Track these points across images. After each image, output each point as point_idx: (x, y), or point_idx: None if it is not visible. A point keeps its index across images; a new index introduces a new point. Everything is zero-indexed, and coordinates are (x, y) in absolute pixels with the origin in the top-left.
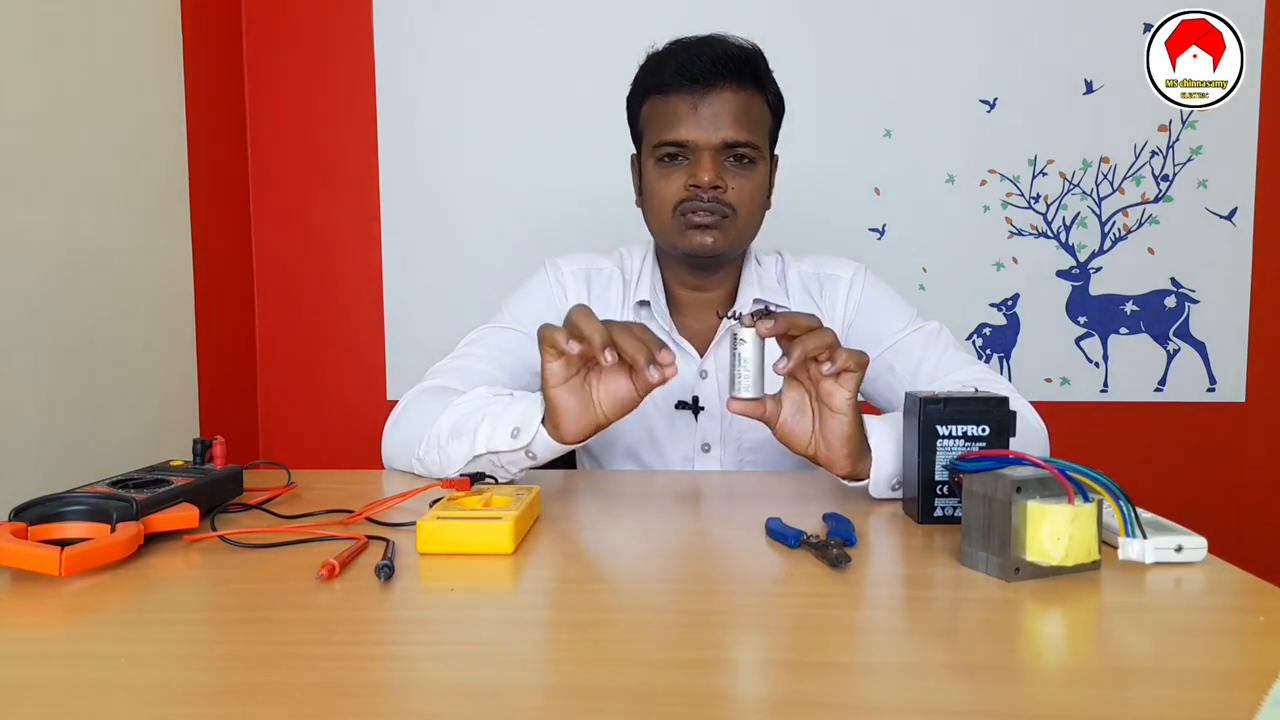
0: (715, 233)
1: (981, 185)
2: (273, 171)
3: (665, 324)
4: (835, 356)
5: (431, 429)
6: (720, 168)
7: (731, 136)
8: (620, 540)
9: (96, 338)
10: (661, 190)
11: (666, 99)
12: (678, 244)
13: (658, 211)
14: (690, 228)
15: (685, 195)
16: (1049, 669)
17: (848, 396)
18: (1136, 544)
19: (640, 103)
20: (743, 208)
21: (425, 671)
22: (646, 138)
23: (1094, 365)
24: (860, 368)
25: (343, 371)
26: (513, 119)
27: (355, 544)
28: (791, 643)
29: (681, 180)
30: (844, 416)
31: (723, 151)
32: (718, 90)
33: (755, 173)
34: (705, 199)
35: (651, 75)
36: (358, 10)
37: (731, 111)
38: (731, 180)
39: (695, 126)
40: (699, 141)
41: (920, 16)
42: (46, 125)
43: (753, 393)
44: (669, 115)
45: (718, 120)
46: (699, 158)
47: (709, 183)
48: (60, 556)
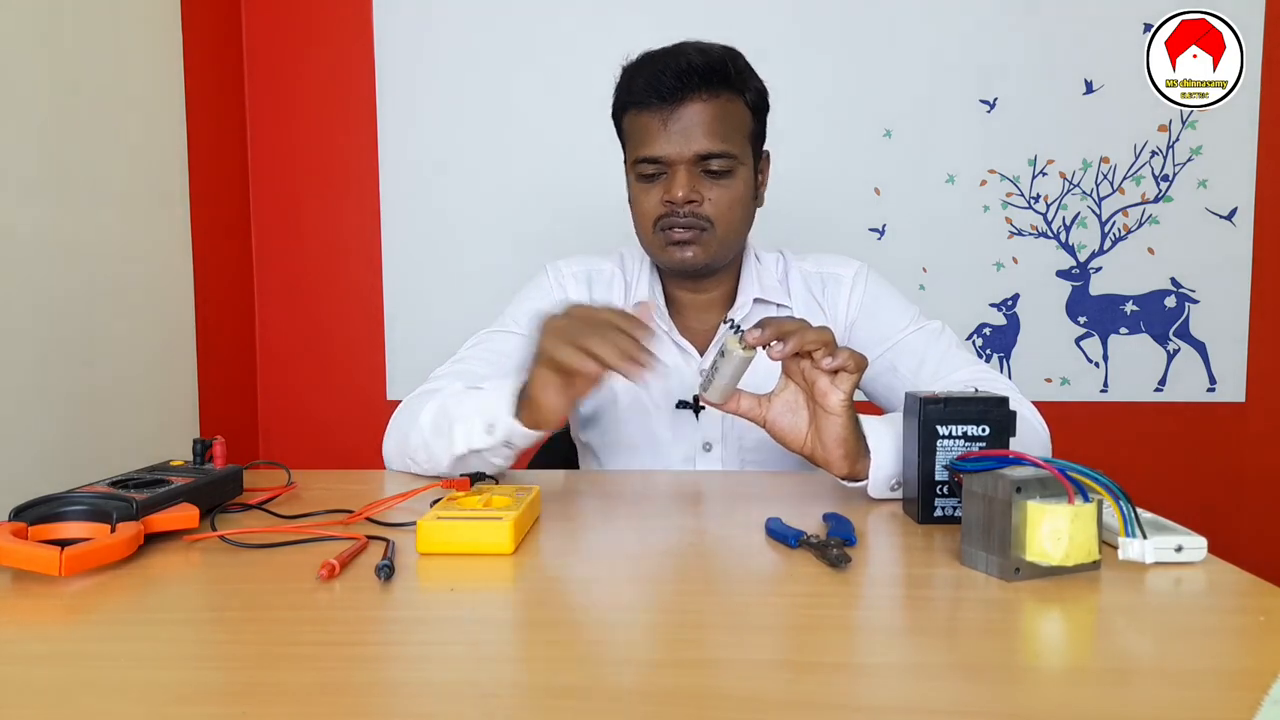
0: (694, 248)
1: (981, 185)
2: (273, 171)
3: (665, 324)
4: (835, 353)
5: (416, 427)
6: (695, 181)
7: (704, 149)
8: (620, 540)
9: (97, 338)
10: (642, 205)
11: (639, 114)
12: (660, 259)
13: (640, 226)
14: (670, 244)
15: (663, 211)
16: (1049, 669)
17: (843, 398)
18: (1136, 544)
19: (620, 116)
20: (721, 219)
21: (425, 671)
22: (627, 152)
23: (1094, 365)
24: (859, 369)
25: (343, 371)
26: (513, 119)
27: (355, 544)
28: (791, 643)
29: (658, 195)
30: (839, 418)
31: (697, 164)
32: (687, 103)
33: (734, 181)
34: (682, 214)
35: (625, 89)
36: (358, 10)
37: (703, 123)
38: (708, 192)
39: (667, 142)
40: (671, 156)
41: (920, 16)
42: (47, 125)
43: (717, 399)
44: (642, 131)
45: (689, 134)
46: (674, 173)
47: (683, 199)
48: (60, 556)
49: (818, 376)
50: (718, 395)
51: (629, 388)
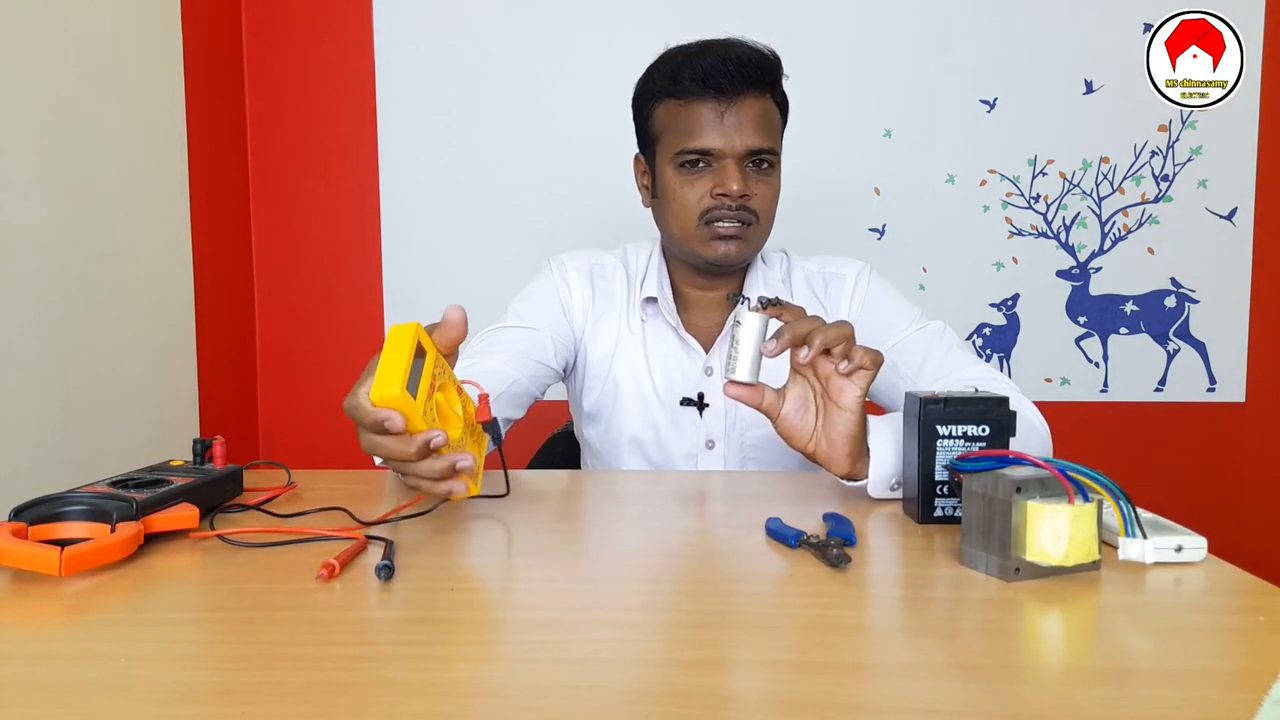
0: (739, 243)
1: (981, 185)
2: (273, 171)
3: (672, 320)
4: (852, 354)
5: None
6: (745, 175)
7: (757, 144)
8: (620, 540)
9: (96, 338)
10: (685, 197)
11: (687, 104)
12: (702, 253)
13: (681, 218)
14: (715, 238)
15: (712, 204)
16: (1049, 669)
17: (858, 394)
18: (1136, 544)
19: (653, 105)
20: (764, 213)
21: (425, 671)
22: (665, 143)
23: (1094, 365)
24: (875, 366)
25: (343, 371)
26: (513, 119)
27: (355, 544)
28: (791, 643)
29: (705, 188)
30: (851, 414)
31: (746, 158)
32: (744, 98)
33: (774, 177)
34: (732, 207)
35: (669, 80)
36: (358, 10)
37: (754, 119)
38: (755, 187)
39: (721, 135)
40: (725, 150)
41: (920, 16)
42: (46, 125)
43: (747, 376)
44: (691, 122)
45: (742, 128)
46: (724, 166)
47: (738, 192)
48: (60, 556)
49: (832, 373)
50: (748, 372)
51: (632, 383)
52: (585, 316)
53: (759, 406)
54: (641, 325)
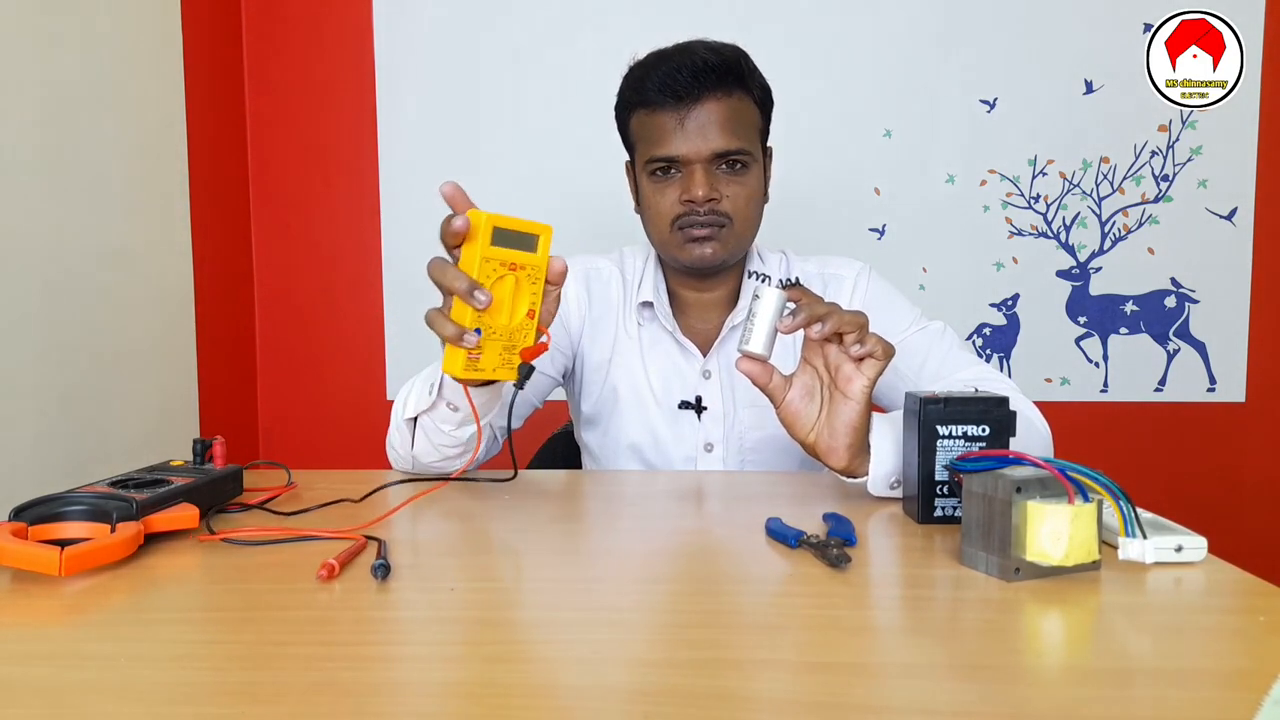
0: (714, 244)
1: (981, 185)
2: (273, 171)
3: (669, 324)
4: (865, 339)
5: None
6: (713, 178)
7: (721, 146)
8: (621, 540)
9: (97, 338)
10: (657, 205)
11: (653, 114)
12: (678, 257)
13: (657, 225)
14: (689, 241)
15: (681, 210)
16: (1049, 669)
17: (866, 384)
18: (1136, 544)
19: (628, 116)
20: (739, 214)
21: (425, 671)
22: (639, 152)
23: (1094, 365)
24: (886, 356)
25: (343, 371)
26: (513, 119)
27: (354, 544)
28: (791, 643)
29: (676, 194)
30: (856, 404)
31: (714, 161)
32: (702, 102)
33: (749, 177)
34: (701, 212)
35: (635, 90)
36: (358, 10)
37: (718, 121)
38: (726, 188)
39: (684, 141)
40: (689, 155)
41: (920, 16)
42: (47, 125)
43: (761, 349)
44: (656, 131)
45: (705, 132)
46: (691, 171)
47: (703, 197)
48: (60, 556)
49: (843, 361)
50: (762, 345)
51: (630, 388)
52: (582, 321)
53: (765, 386)
54: (638, 329)
